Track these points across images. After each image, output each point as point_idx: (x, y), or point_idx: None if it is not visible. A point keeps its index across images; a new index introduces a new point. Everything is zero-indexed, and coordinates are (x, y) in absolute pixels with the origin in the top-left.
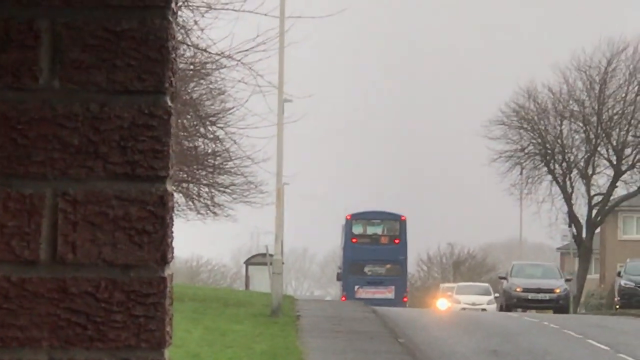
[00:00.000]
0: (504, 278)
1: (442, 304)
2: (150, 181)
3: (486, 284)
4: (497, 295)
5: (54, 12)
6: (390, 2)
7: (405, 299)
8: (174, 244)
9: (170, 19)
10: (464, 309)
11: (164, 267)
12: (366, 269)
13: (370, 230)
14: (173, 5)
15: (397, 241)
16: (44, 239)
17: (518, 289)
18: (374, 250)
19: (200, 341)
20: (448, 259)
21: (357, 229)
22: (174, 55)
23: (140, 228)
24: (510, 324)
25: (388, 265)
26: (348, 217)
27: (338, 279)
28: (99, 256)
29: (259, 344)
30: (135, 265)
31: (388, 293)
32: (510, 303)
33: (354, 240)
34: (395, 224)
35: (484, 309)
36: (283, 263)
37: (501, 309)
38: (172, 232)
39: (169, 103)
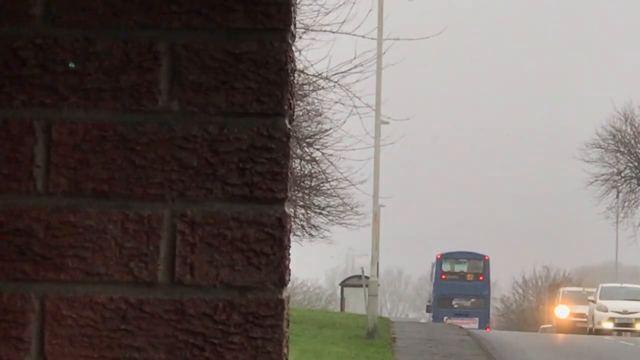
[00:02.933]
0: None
1: (562, 311)
2: (268, 203)
3: None
4: None
5: (173, 34)
6: (485, 24)
7: (487, 329)
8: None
9: (290, 41)
10: (612, 319)
11: (282, 289)
12: (454, 302)
13: (458, 268)
14: (292, 28)
15: (481, 278)
16: (162, 260)
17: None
18: (461, 286)
19: None
20: (544, 282)
21: (446, 267)
22: (292, 77)
23: (258, 250)
24: (606, 347)
25: (473, 300)
26: (438, 257)
27: (427, 310)
28: (216, 278)
29: None
30: (253, 287)
31: (473, 323)
32: None
33: (443, 276)
34: (480, 262)
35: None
36: (379, 285)
37: None
38: (289, 254)
39: (288, 125)
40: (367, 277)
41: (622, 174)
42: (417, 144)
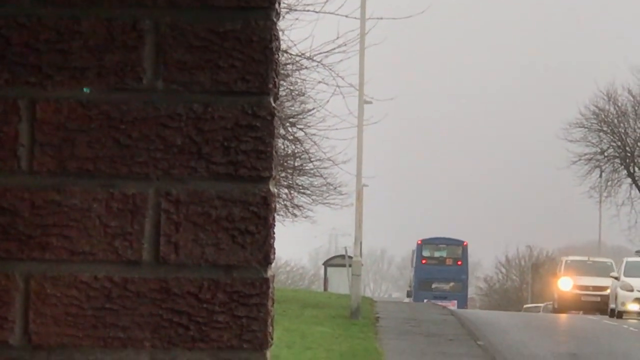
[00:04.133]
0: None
1: (566, 284)
2: (253, 182)
3: None
4: None
5: (157, 13)
6: (469, 2)
7: None
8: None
9: (274, 20)
10: (639, 300)
11: (267, 267)
12: (433, 286)
13: (437, 253)
14: (277, 6)
15: (459, 263)
16: (146, 239)
17: None
18: (440, 270)
19: (279, 343)
20: (527, 262)
21: (426, 252)
22: (277, 56)
23: (243, 228)
24: (589, 327)
25: (452, 283)
26: (419, 242)
27: (408, 295)
28: (201, 257)
29: (338, 346)
30: (238, 266)
31: (452, 306)
32: None
33: (423, 261)
34: (458, 248)
35: None
36: (362, 265)
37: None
38: (274, 233)
39: (273, 104)
40: (350, 257)
41: (606, 154)
42: (400, 124)
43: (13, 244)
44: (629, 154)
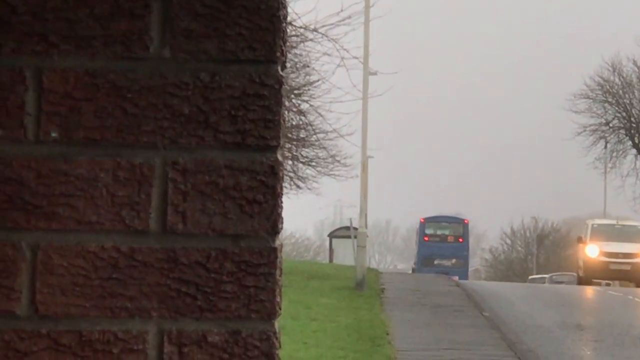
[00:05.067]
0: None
1: (592, 250)
2: (261, 150)
3: None
4: None
5: None
6: None
7: None
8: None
9: None
10: None
11: (275, 237)
12: (436, 262)
13: (439, 231)
14: None
15: (461, 240)
16: (154, 208)
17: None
18: (442, 247)
19: (284, 314)
20: (532, 233)
21: (429, 230)
22: (284, 24)
23: (251, 198)
24: (594, 298)
25: (453, 260)
26: (421, 220)
27: (413, 272)
28: (209, 226)
29: (343, 317)
30: (245, 235)
31: None
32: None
33: (425, 238)
34: (460, 226)
35: None
36: (367, 236)
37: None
38: (282, 202)
39: (280, 72)
40: (355, 229)
41: (610, 125)
42: (405, 97)
43: (19, 213)
44: (634, 125)
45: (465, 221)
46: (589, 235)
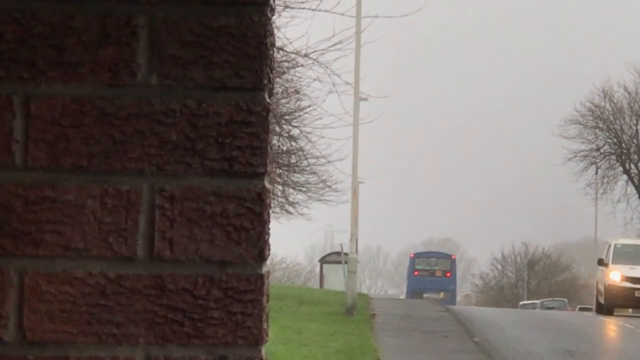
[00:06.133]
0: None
1: (615, 274)
2: (248, 178)
3: None
4: None
5: (152, 8)
6: (466, 1)
7: None
8: (270, 241)
9: (269, 15)
10: None
11: (262, 263)
12: (425, 295)
13: (428, 266)
14: (271, 2)
15: (448, 274)
16: (141, 235)
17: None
18: (431, 281)
19: (275, 339)
20: (522, 258)
21: (419, 265)
22: (272, 51)
23: (238, 225)
24: (585, 323)
25: (442, 293)
26: (412, 256)
27: None
28: (196, 253)
29: (334, 342)
30: (232, 262)
31: None
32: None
33: (415, 273)
34: (447, 261)
35: None
36: (358, 261)
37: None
38: (269, 229)
39: (267, 99)
40: (346, 254)
41: (601, 150)
42: (396, 123)
43: (7, 240)
44: (624, 151)
45: (453, 257)
46: (612, 257)
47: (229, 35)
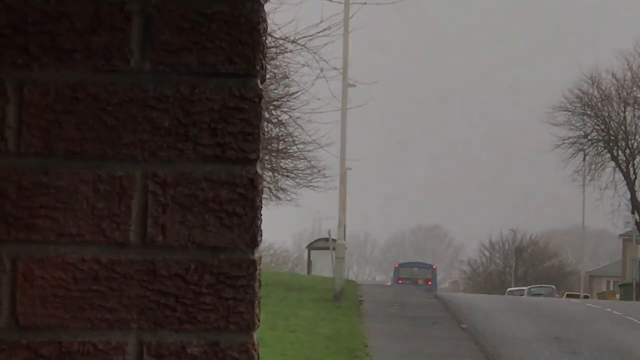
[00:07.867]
0: None
1: None
2: (240, 163)
3: None
4: None
5: None
6: None
7: None
8: (262, 226)
9: (262, 1)
10: None
11: (254, 249)
12: None
13: (412, 275)
14: None
15: (429, 283)
16: (133, 220)
17: None
18: (414, 289)
19: (263, 326)
20: (510, 245)
21: (403, 274)
22: (264, 38)
23: (230, 210)
24: (572, 310)
25: None
26: (396, 266)
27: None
28: (188, 238)
29: (322, 328)
30: (225, 248)
31: None
32: None
33: (399, 281)
34: (428, 271)
35: None
36: (346, 248)
37: None
38: (261, 215)
39: (260, 86)
40: (334, 240)
41: (589, 137)
42: (384, 109)
43: (0, 225)
44: (612, 138)
45: (434, 267)
46: None
47: (222, 21)
